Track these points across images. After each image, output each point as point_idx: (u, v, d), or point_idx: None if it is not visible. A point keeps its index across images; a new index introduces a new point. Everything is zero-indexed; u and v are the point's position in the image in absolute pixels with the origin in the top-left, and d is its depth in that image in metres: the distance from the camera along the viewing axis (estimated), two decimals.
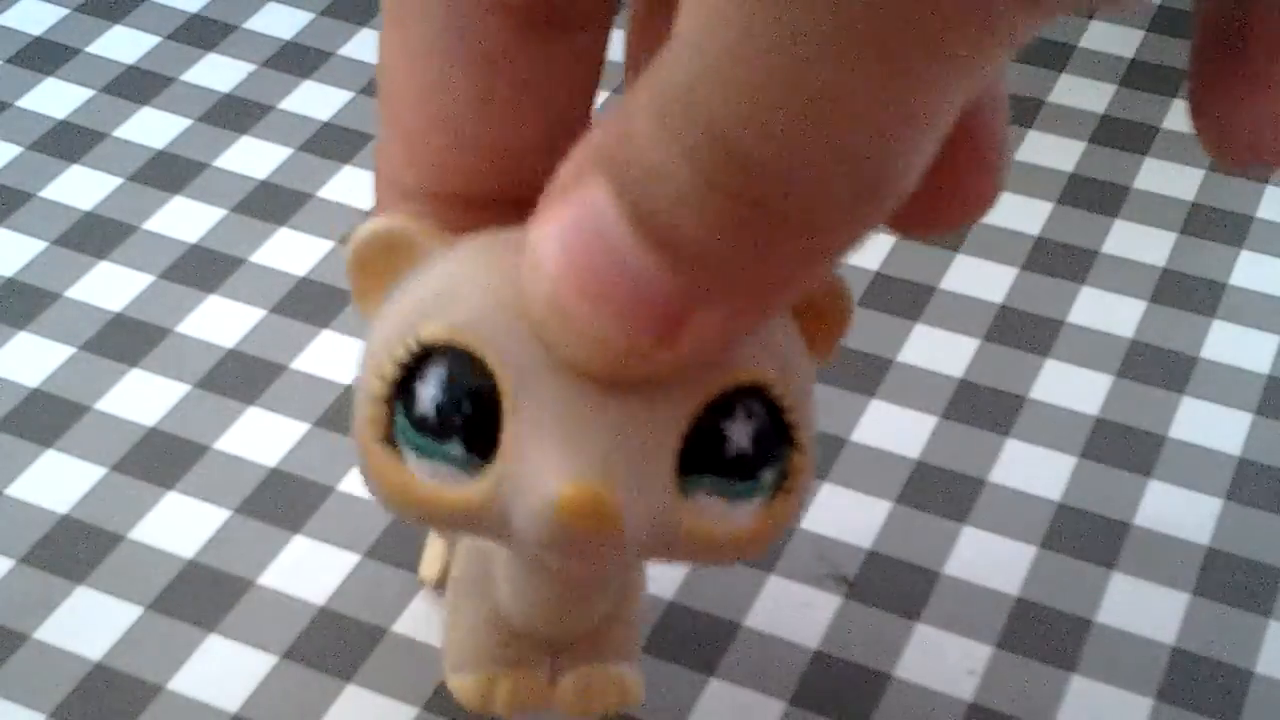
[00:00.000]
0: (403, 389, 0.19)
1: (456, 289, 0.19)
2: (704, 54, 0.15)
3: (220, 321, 0.37)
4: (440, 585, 0.28)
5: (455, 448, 0.19)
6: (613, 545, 0.18)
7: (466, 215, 0.20)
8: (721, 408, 0.19)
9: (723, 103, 0.15)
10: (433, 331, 0.19)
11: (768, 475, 0.19)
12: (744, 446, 0.19)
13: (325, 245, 0.38)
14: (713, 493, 0.19)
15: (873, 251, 0.38)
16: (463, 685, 0.24)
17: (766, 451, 0.19)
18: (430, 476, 0.19)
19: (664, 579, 0.31)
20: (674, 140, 0.16)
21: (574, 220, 0.17)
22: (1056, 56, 0.44)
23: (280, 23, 0.45)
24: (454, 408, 0.19)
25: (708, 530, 0.19)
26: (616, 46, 0.21)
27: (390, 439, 0.19)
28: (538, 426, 0.18)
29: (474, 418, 0.18)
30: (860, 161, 0.16)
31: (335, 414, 0.35)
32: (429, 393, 0.19)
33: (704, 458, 0.19)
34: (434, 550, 0.30)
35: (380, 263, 0.20)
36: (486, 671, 0.24)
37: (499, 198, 0.21)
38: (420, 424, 0.19)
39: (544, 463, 0.18)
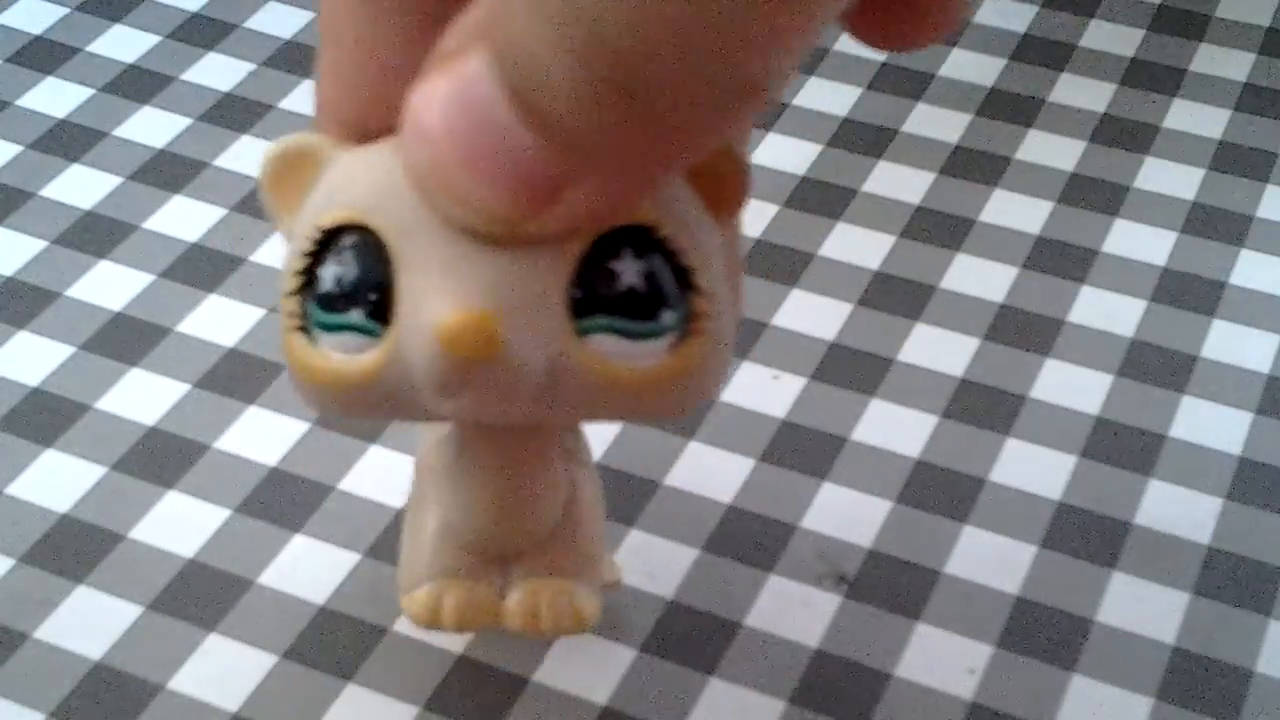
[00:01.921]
0: (310, 276, 0.20)
1: (350, 177, 0.20)
2: None
3: (220, 321, 0.37)
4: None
5: (357, 315, 0.20)
6: (503, 376, 0.19)
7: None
8: (610, 248, 0.19)
9: (602, 2, 0.16)
10: (329, 217, 0.20)
11: (668, 316, 0.20)
12: (635, 283, 0.19)
13: None
14: (611, 332, 0.19)
15: (873, 251, 0.38)
16: (411, 601, 0.24)
17: (662, 291, 0.20)
18: (340, 351, 0.20)
19: (664, 578, 0.31)
20: (549, 22, 0.16)
21: (454, 88, 0.18)
22: (1057, 56, 0.44)
23: (280, 22, 0.45)
24: (350, 277, 0.20)
25: (609, 369, 0.20)
26: None
27: (307, 330, 0.20)
28: (425, 279, 0.19)
29: (370, 283, 0.20)
30: (725, 68, 0.16)
31: None
32: (329, 271, 0.20)
33: (598, 298, 0.19)
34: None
35: (290, 178, 0.21)
36: (435, 585, 0.24)
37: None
38: (324, 301, 0.20)
39: (430, 304, 0.19)
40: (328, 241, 0.20)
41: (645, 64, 0.16)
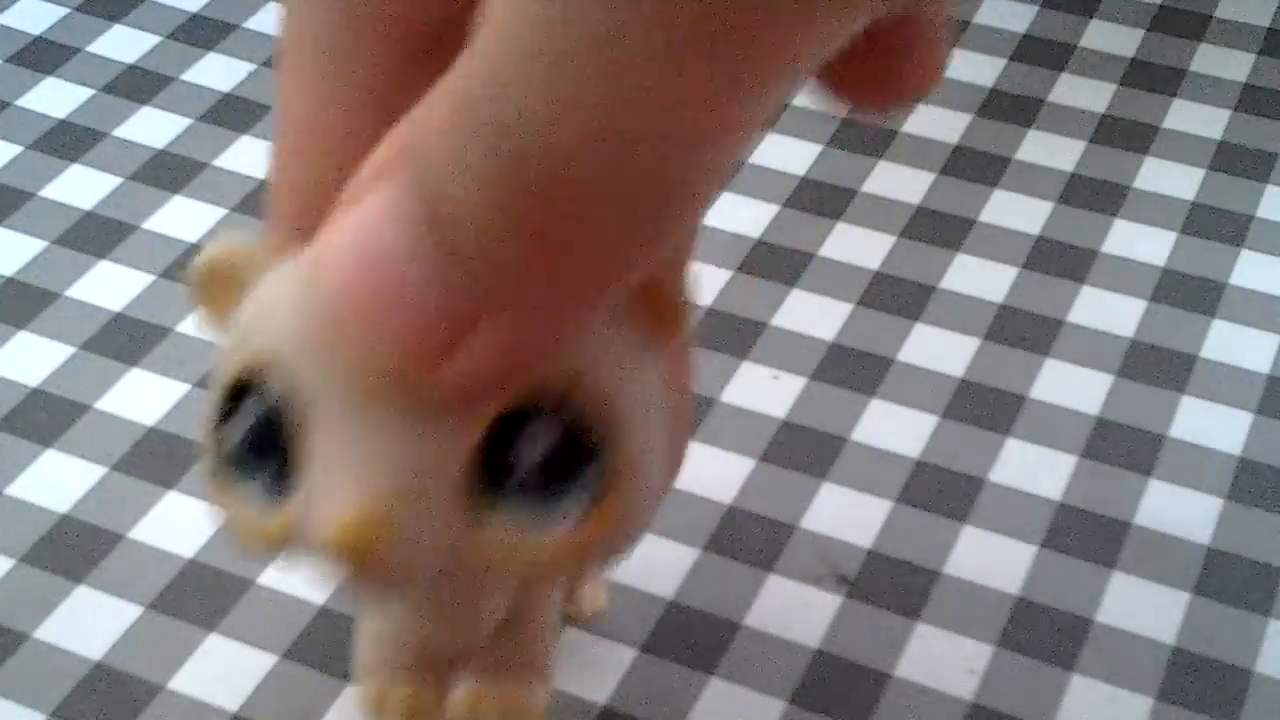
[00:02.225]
0: (226, 419, 0.19)
1: (267, 314, 0.18)
2: (501, 61, 0.15)
3: None
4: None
5: (261, 479, 0.19)
6: (396, 569, 0.18)
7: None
8: (513, 425, 0.18)
9: (514, 114, 0.15)
10: (236, 366, 0.19)
11: (576, 491, 0.18)
12: (533, 468, 0.18)
13: None
14: (514, 513, 0.18)
15: (873, 251, 0.38)
16: (361, 692, 0.25)
17: (570, 468, 0.18)
18: (250, 506, 0.19)
19: (664, 578, 0.31)
20: (465, 146, 0.15)
21: (359, 223, 0.17)
22: (1057, 56, 0.44)
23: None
24: (253, 443, 0.19)
25: (514, 553, 0.18)
26: None
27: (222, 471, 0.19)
28: (324, 454, 0.18)
29: (272, 449, 0.18)
30: (652, 182, 0.15)
31: None
32: (234, 429, 0.19)
33: (497, 480, 0.18)
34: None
35: (222, 288, 0.20)
36: (381, 679, 0.24)
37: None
38: (231, 462, 0.19)
39: (323, 492, 0.18)
40: (239, 392, 0.19)
41: (567, 181, 0.15)
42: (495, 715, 0.24)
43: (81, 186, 0.40)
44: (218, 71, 0.44)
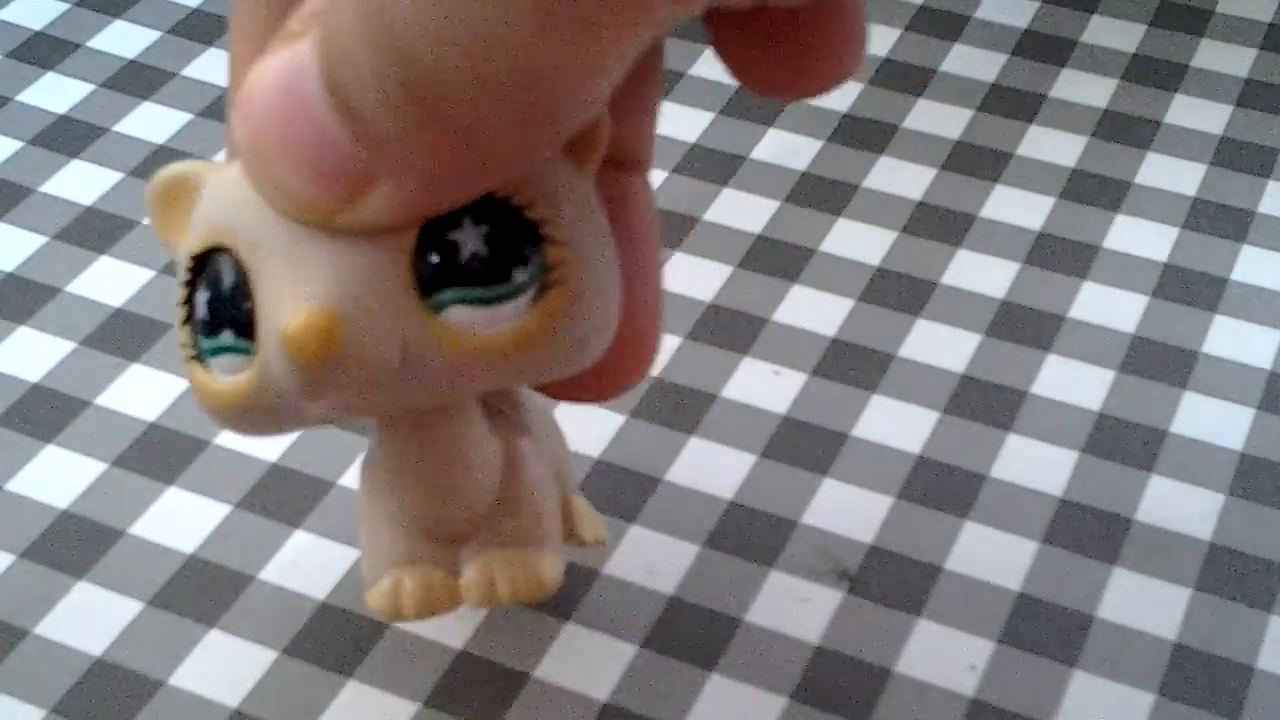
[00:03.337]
0: (191, 304, 0.21)
1: (212, 199, 0.20)
2: None
3: None
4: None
5: (228, 337, 0.20)
6: (358, 370, 0.19)
7: None
8: (448, 220, 0.19)
9: (408, 11, 0.16)
10: (195, 243, 0.20)
11: (520, 274, 0.20)
12: (478, 250, 0.19)
13: None
14: (463, 303, 0.19)
15: (874, 247, 0.38)
16: (373, 594, 0.24)
17: (510, 252, 0.20)
18: (225, 373, 0.21)
19: (664, 574, 0.31)
20: (365, 21, 0.17)
21: (280, 69, 0.18)
22: (1058, 52, 0.44)
23: None
24: (216, 300, 0.20)
25: (467, 340, 0.20)
26: None
27: (200, 358, 0.21)
28: (274, 287, 0.19)
29: (233, 302, 0.20)
30: (525, 97, 0.17)
31: None
32: (200, 297, 0.20)
33: (443, 272, 0.19)
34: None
35: (172, 209, 0.21)
36: (392, 576, 0.24)
37: None
38: (201, 328, 0.20)
39: (276, 312, 0.19)
40: (199, 268, 0.20)
41: (446, 80, 0.16)
42: (508, 590, 0.24)
43: (82, 182, 0.40)
44: (218, 67, 0.44)
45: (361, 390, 0.20)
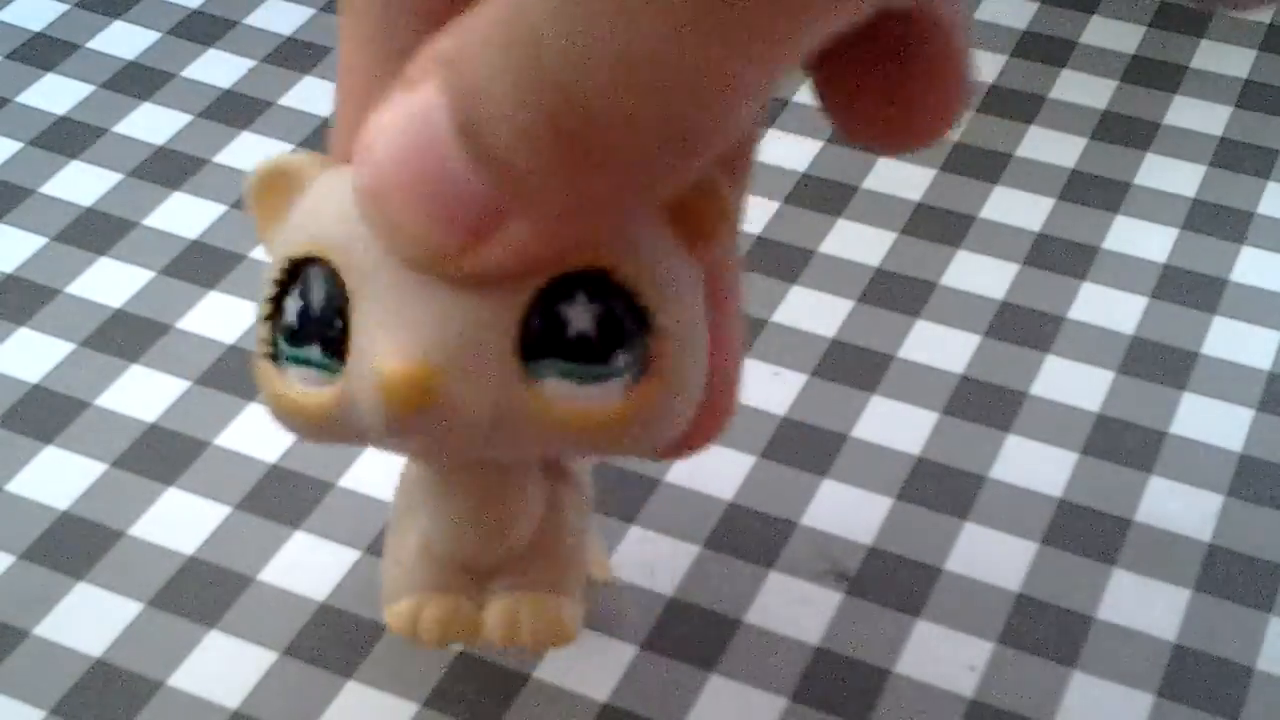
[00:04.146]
0: (279, 305, 0.20)
1: (318, 206, 0.20)
2: None
3: (220, 317, 0.37)
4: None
5: (314, 351, 0.20)
6: (446, 422, 0.19)
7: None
8: (562, 291, 0.19)
9: (553, 42, 0.16)
10: (293, 248, 0.20)
11: (622, 359, 0.20)
12: (586, 328, 0.19)
13: None
14: (562, 376, 0.19)
15: (874, 248, 0.38)
16: (393, 613, 0.25)
17: (616, 334, 0.19)
18: (303, 383, 0.20)
19: (666, 576, 0.31)
20: (503, 55, 0.17)
21: (403, 113, 0.18)
22: (1057, 53, 0.44)
23: (280, 18, 0.45)
24: (308, 313, 0.20)
25: (558, 412, 0.20)
26: None
27: (276, 357, 0.21)
28: (375, 320, 0.19)
29: (326, 320, 0.20)
30: (675, 117, 0.16)
31: None
32: (291, 304, 0.20)
33: (548, 341, 0.19)
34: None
35: (273, 197, 0.21)
36: (414, 599, 0.24)
37: None
38: (286, 334, 0.20)
39: (375, 350, 0.19)
40: (295, 272, 0.20)
41: (592, 106, 0.16)
42: (531, 635, 0.25)
43: (82, 183, 0.40)
44: (218, 68, 0.44)
45: (444, 441, 0.20)
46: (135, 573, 0.32)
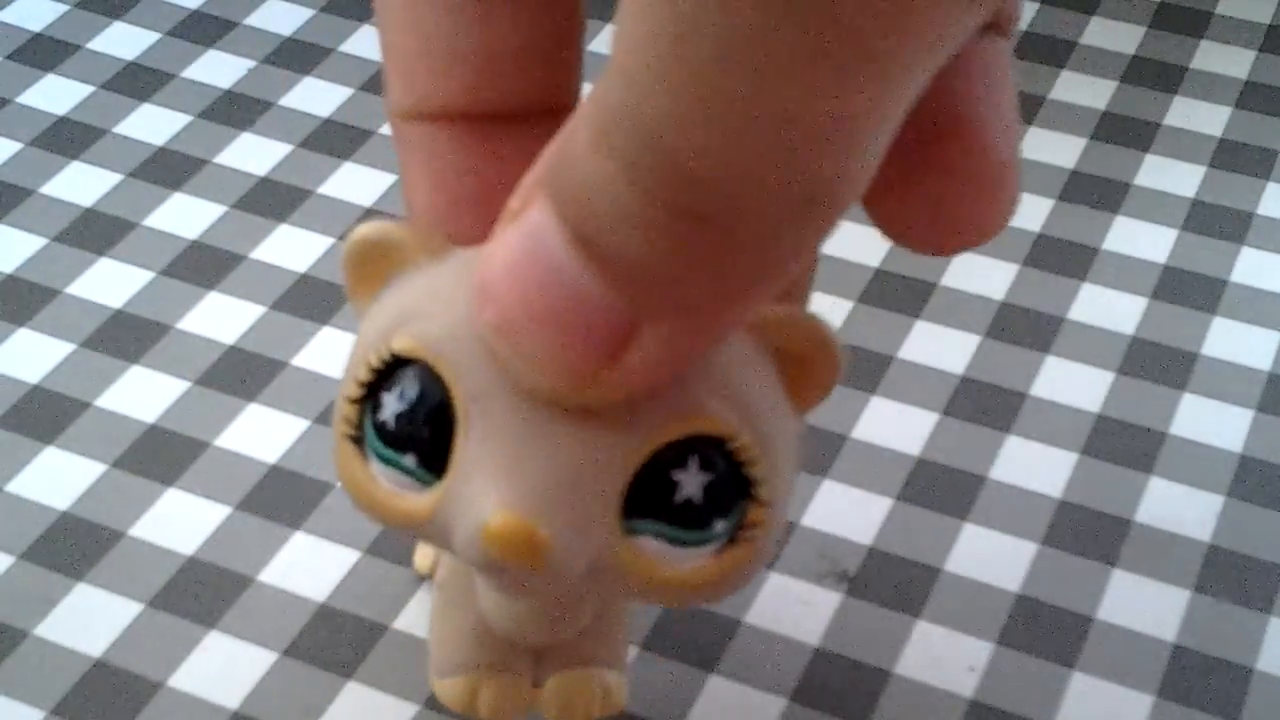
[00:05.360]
0: (373, 393, 0.19)
1: (430, 304, 0.19)
2: (638, 70, 0.15)
3: (220, 318, 0.37)
4: (433, 575, 0.28)
5: (410, 460, 0.19)
6: (543, 577, 0.18)
7: (480, 135, 0.21)
8: (675, 455, 0.19)
9: (657, 117, 0.15)
10: (402, 344, 0.19)
11: (720, 525, 0.19)
12: (694, 496, 0.19)
13: (325, 242, 0.38)
14: (660, 537, 0.19)
15: (873, 248, 0.38)
16: (447, 689, 0.25)
17: (719, 503, 0.19)
18: (388, 481, 0.20)
19: None
20: (612, 156, 0.16)
21: (516, 243, 0.17)
22: (1057, 53, 0.44)
23: (280, 19, 0.45)
24: (411, 422, 0.19)
25: (652, 572, 0.19)
26: None
27: (360, 438, 0.20)
28: (485, 449, 0.18)
29: (429, 434, 0.19)
30: (798, 169, 0.15)
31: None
32: (391, 403, 0.19)
33: (653, 502, 0.19)
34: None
35: (371, 264, 0.20)
36: (471, 675, 0.25)
37: (502, 112, 0.20)
38: (381, 431, 0.19)
39: (482, 488, 0.18)
40: (396, 364, 0.19)
41: (715, 178, 0.15)
42: (584, 711, 0.25)
43: (81, 183, 0.40)
44: (218, 68, 0.44)
45: (535, 584, 0.19)
46: (135, 573, 0.32)
